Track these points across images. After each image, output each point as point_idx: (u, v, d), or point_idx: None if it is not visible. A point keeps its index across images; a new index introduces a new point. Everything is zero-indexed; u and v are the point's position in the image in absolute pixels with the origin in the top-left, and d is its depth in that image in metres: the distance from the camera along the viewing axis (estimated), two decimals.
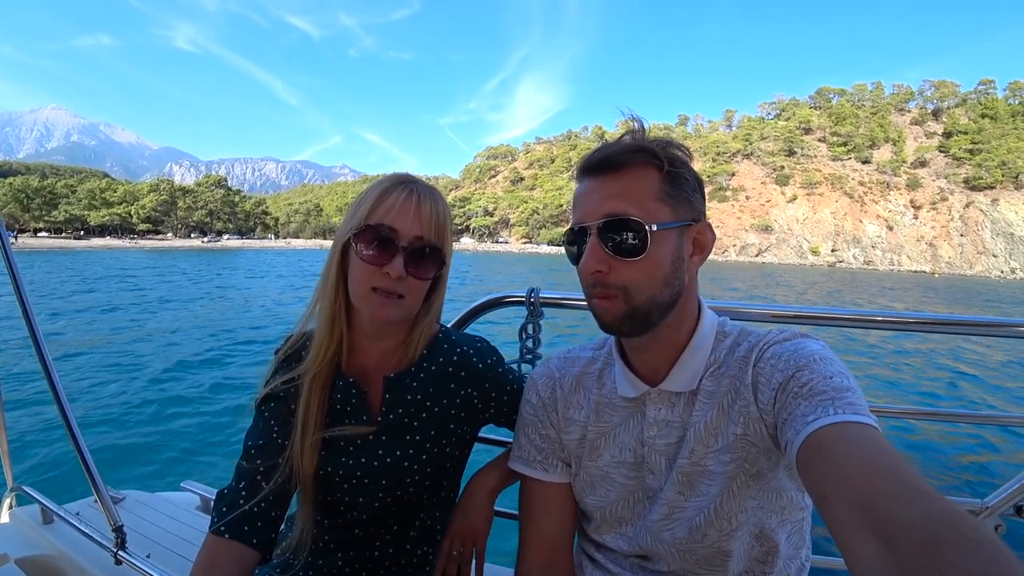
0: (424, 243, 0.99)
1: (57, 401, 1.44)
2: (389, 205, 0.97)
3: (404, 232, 0.96)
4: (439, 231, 1.01)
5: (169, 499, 2.02)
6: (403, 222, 0.96)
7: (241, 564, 0.97)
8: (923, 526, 0.49)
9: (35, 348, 1.42)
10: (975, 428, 6.76)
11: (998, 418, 1.53)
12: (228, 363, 10.27)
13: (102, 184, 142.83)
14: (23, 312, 1.42)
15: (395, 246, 0.96)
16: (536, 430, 1.05)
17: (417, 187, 1.00)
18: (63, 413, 1.44)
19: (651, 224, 0.81)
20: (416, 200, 0.98)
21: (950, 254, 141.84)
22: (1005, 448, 6.46)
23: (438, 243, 1.01)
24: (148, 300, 20.02)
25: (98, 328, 13.65)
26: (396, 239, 0.96)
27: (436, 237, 1.00)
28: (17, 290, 1.41)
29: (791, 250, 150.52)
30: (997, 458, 6.23)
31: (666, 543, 0.92)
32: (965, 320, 1.32)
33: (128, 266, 40.79)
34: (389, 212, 0.96)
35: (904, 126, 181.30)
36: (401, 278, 0.96)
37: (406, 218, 0.97)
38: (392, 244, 0.96)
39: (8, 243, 1.44)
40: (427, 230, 0.98)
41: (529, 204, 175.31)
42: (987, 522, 1.36)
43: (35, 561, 1.61)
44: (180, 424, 6.77)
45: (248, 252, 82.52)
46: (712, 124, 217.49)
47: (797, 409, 0.73)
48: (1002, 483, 1.37)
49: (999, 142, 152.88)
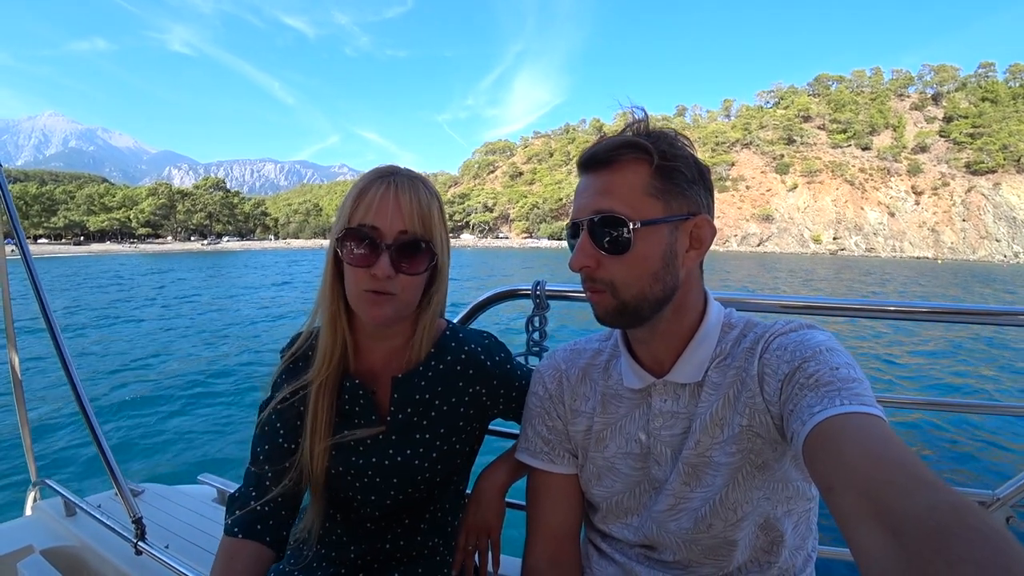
0: (409, 237, 0.96)
1: (77, 398, 1.47)
2: (368, 203, 0.95)
3: (386, 229, 0.94)
4: (424, 221, 0.97)
5: (187, 492, 2.06)
6: (383, 219, 0.94)
7: (258, 561, 0.99)
8: (930, 517, 0.49)
9: (54, 346, 1.46)
10: (986, 419, 6.59)
11: (1010, 408, 1.55)
12: (244, 358, 10.43)
13: (100, 189, 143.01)
14: (41, 310, 1.45)
15: (379, 245, 0.94)
16: (543, 422, 1.06)
17: (396, 179, 0.97)
18: (83, 409, 1.48)
19: (635, 221, 0.81)
20: (394, 193, 0.95)
21: (953, 239, 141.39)
22: (1017, 439, 6.30)
23: (425, 235, 0.97)
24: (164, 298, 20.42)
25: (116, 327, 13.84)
26: (379, 238, 0.94)
27: (422, 228, 0.97)
28: (35, 289, 1.44)
29: (792, 239, 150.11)
30: (1009, 448, 6.07)
31: (672, 533, 0.93)
32: (977, 309, 1.30)
33: (131, 267, 40.81)
34: (369, 210, 0.94)
35: (904, 111, 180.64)
36: (390, 277, 0.94)
37: (386, 215, 0.94)
38: (376, 244, 0.94)
39: (25, 243, 1.48)
40: (410, 223, 0.95)
41: (528, 199, 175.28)
42: (998, 513, 1.34)
43: (58, 552, 1.66)
44: (197, 418, 6.92)
45: (248, 253, 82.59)
46: (711, 114, 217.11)
47: (803, 400, 0.73)
48: (1013, 475, 1.36)
49: (1000, 125, 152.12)
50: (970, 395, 8.96)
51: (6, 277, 1.66)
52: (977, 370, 10.65)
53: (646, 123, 0.87)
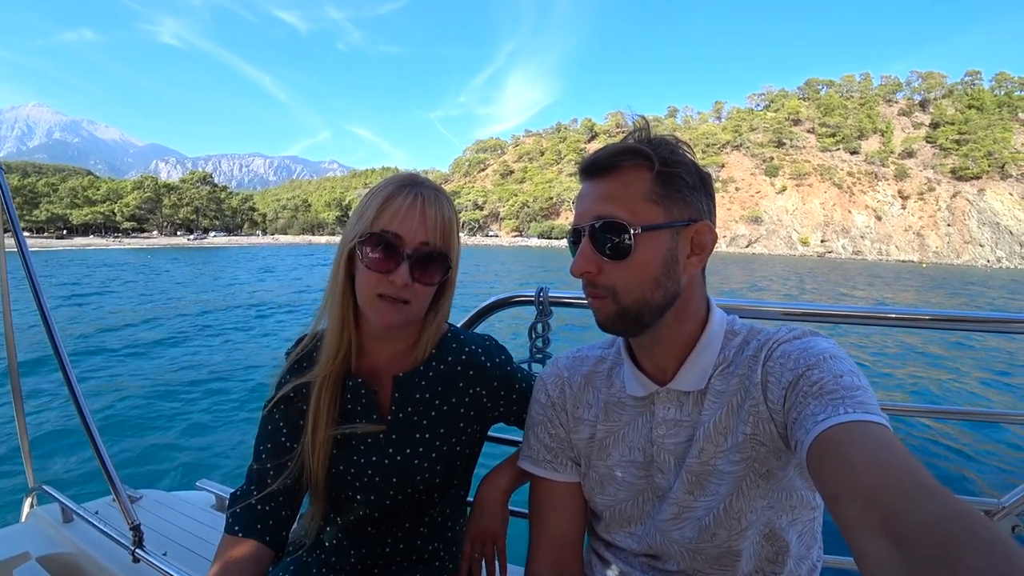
0: (430, 249, 0.97)
1: (76, 403, 1.46)
2: (394, 211, 0.95)
3: (409, 239, 0.95)
4: (444, 235, 0.99)
5: (185, 498, 2.05)
6: (408, 228, 0.95)
7: (258, 561, 0.99)
8: (935, 526, 0.48)
9: (53, 351, 1.45)
10: (990, 427, 6.50)
11: (1014, 417, 1.54)
12: (244, 362, 10.35)
13: (84, 182, 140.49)
14: (40, 314, 1.44)
15: (400, 253, 0.95)
16: (545, 429, 1.05)
17: (422, 190, 0.98)
18: (81, 415, 1.47)
19: (636, 227, 0.82)
20: (421, 205, 0.96)
21: (937, 243, 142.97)
22: (1022, 447, 6.20)
23: (444, 248, 0.99)
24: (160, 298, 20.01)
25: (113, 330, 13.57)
26: (401, 246, 0.95)
27: (442, 242, 0.99)
28: (34, 291, 1.42)
29: (781, 241, 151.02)
30: (1014, 457, 5.98)
31: (675, 542, 0.92)
32: (982, 317, 1.29)
33: (125, 263, 39.91)
34: (394, 218, 0.95)
35: (892, 117, 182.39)
36: (407, 285, 0.95)
37: (411, 224, 0.95)
38: (397, 251, 0.95)
39: (26, 246, 1.45)
40: (432, 235, 0.97)
41: (519, 197, 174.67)
42: (1004, 522, 1.34)
43: (55, 559, 1.64)
44: (196, 424, 6.84)
45: (234, 249, 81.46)
46: (702, 116, 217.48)
47: (807, 408, 0.72)
48: (1019, 483, 1.35)
49: (985, 132, 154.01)
50: (974, 403, 8.84)
51: (6, 279, 1.61)
52: (980, 377, 10.51)
53: (647, 130, 0.87)
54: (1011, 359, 12.33)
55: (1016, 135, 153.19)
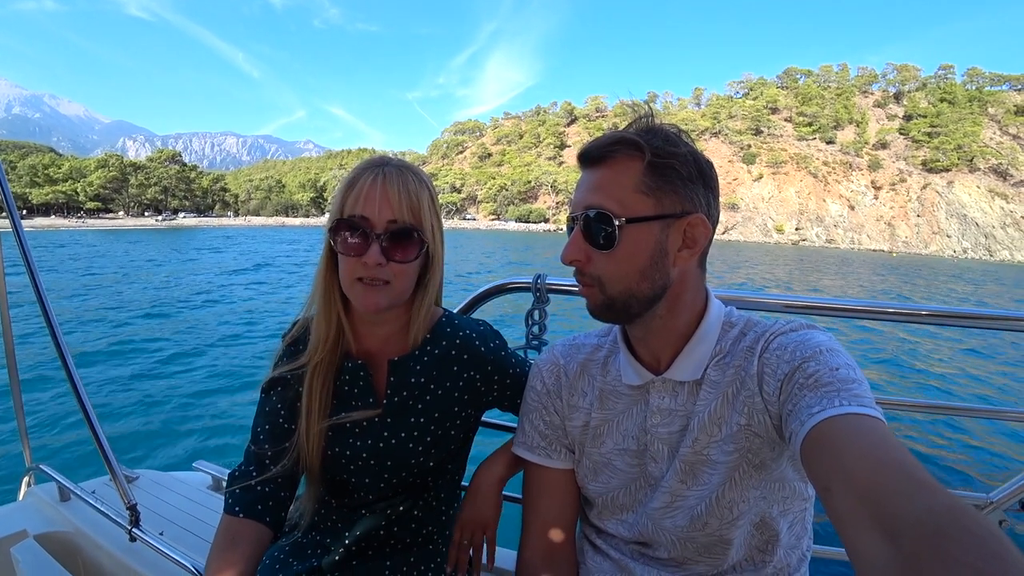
0: (398, 226, 0.98)
1: (72, 384, 1.47)
2: (356, 194, 0.97)
3: (375, 219, 0.96)
4: (414, 210, 0.99)
5: (181, 479, 2.06)
6: (372, 209, 0.96)
7: (259, 541, 1.02)
8: (926, 520, 0.49)
9: (50, 332, 1.44)
10: (982, 423, 6.50)
11: (1006, 413, 1.56)
12: (240, 345, 10.34)
13: (45, 160, 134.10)
14: (37, 296, 1.43)
15: (369, 235, 0.96)
16: (540, 416, 1.06)
17: (385, 169, 0.99)
18: (78, 395, 1.47)
19: (622, 217, 0.82)
20: (382, 183, 0.97)
21: (907, 234, 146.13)
22: (1012, 444, 6.27)
23: (414, 223, 0.99)
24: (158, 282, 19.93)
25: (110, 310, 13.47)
26: (369, 227, 0.96)
27: (411, 217, 0.99)
28: (30, 273, 1.43)
29: (756, 228, 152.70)
30: (1003, 452, 6.06)
31: (667, 530, 0.93)
32: (979, 313, 1.28)
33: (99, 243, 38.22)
34: (358, 201, 0.97)
35: (867, 108, 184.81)
36: (381, 265, 0.97)
37: (374, 204, 0.96)
38: (366, 233, 0.97)
39: (21, 228, 1.45)
40: (399, 212, 0.97)
41: (497, 180, 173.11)
42: (991, 517, 1.33)
43: (52, 537, 1.66)
44: (193, 405, 6.85)
45: (205, 230, 79.30)
46: (681, 102, 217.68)
47: (802, 400, 0.73)
48: (1008, 478, 1.36)
49: (956, 126, 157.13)
50: (966, 399, 8.72)
51: (1, 261, 1.60)
52: (975, 373, 10.43)
53: (650, 118, 0.86)
54: (1009, 354, 12.29)
55: (985, 129, 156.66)
